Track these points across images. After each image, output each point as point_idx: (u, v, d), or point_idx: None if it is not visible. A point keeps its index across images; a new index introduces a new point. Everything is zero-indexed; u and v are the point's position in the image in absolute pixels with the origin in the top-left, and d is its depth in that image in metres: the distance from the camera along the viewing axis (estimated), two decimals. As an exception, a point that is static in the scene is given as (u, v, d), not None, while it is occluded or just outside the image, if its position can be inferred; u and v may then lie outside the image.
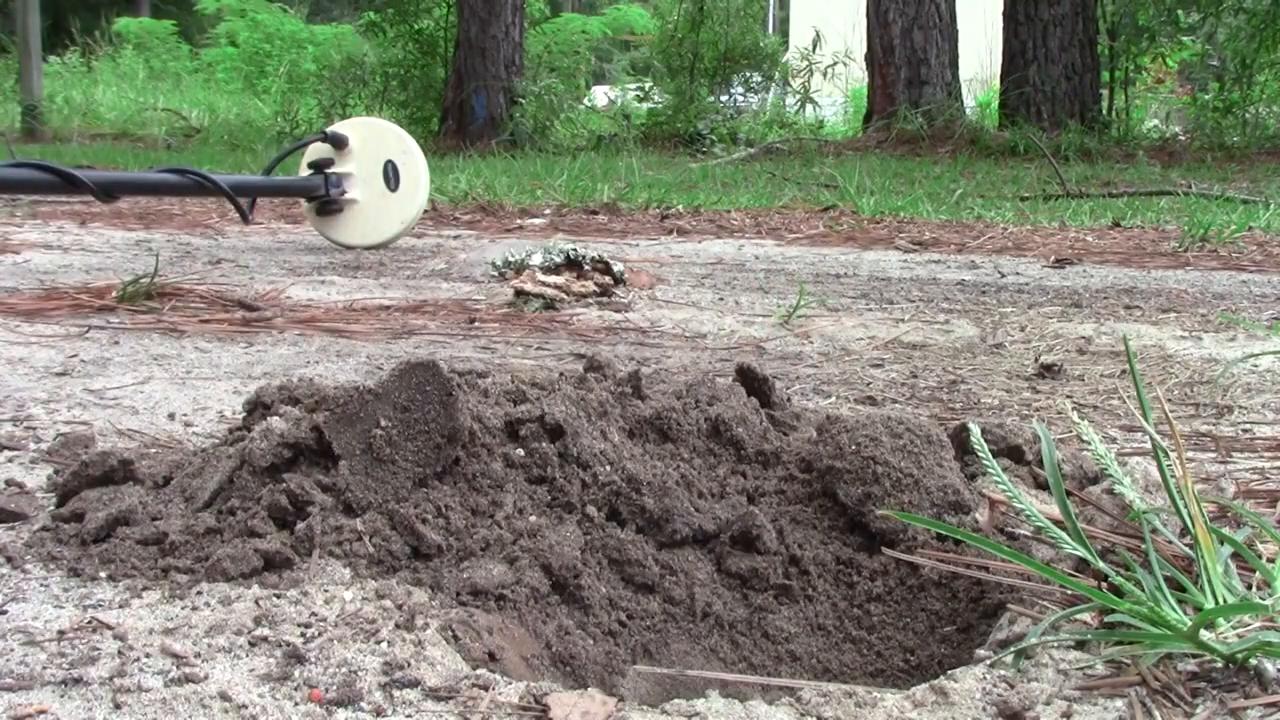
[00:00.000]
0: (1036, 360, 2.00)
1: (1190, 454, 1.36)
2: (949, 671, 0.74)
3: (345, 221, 3.90)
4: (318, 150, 3.91)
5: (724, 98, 12.26)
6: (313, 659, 0.72)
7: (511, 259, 2.95)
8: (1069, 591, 0.82)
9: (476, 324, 2.44)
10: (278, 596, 0.81)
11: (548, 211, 5.36)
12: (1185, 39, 11.60)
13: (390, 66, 12.04)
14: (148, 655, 0.73)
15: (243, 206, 3.41)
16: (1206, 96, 11.28)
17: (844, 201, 5.66)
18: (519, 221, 4.94)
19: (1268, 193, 5.93)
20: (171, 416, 1.54)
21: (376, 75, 12.13)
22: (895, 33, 10.71)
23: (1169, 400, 1.71)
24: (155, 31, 20.33)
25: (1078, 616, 0.78)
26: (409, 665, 0.72)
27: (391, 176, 3.86)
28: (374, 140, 3.91)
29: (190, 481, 1.08)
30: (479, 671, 0.72)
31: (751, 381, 1.26)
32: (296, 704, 0.68)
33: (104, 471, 1.10)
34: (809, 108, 12.01)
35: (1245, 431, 1.52)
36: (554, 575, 0.97)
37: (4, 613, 0.82)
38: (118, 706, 0.67)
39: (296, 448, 1.04)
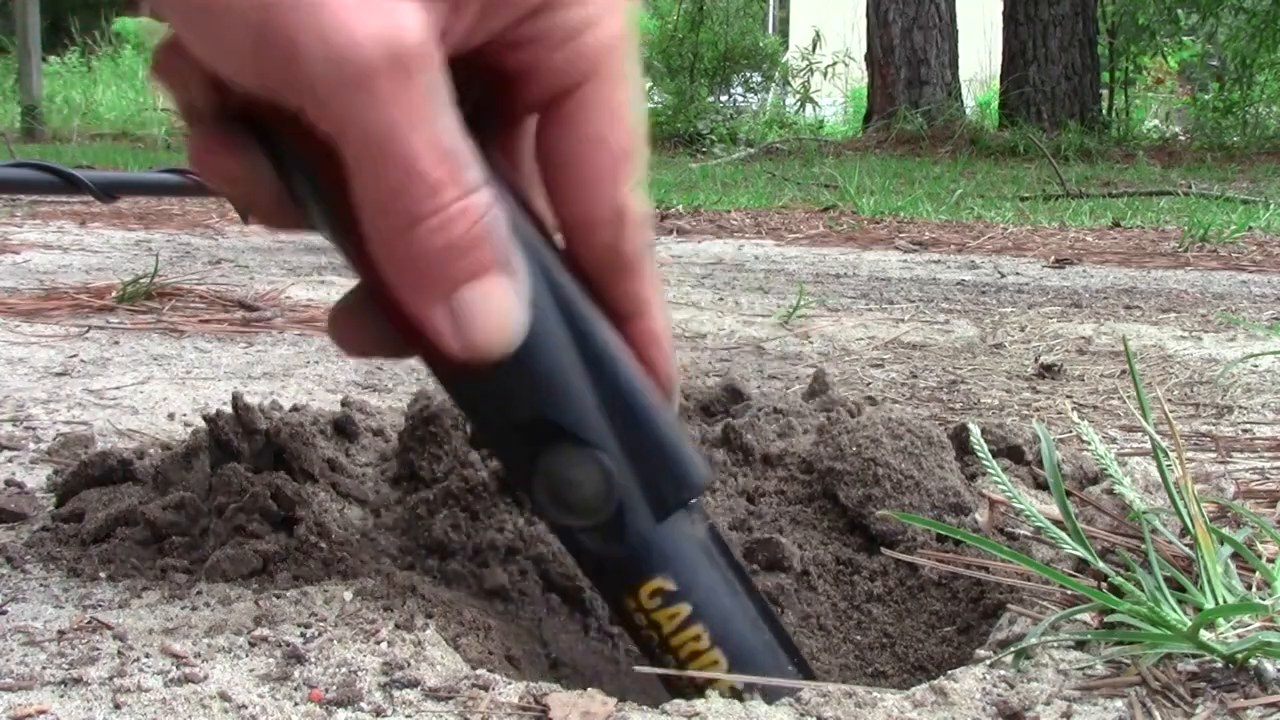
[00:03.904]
0: (1036, 360, 2.00)
1: (1190, 454, 1.36)
2: (949, 671, 0.74)
3: (345, 221, 3.89)
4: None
5: (724, 98, 12.27)
6: (313, 659, 0.72)
7: (511, 259, 2.94)
8: (1069, 591, 0.82)
9: (476, 324, 2.44)
10: (278, 596, 0.81)
11: (548, 211, 5.36)
12: (1185, 39, 11.61)
13: (390, 66, 12.01)
14: (148, 655, 0.73)
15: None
16: (1206, 96, 11.29)
17: (844, 201, 5.66)
18: (519, 221, 4.93)
19: (1268, 193, 5.93)
20: (171, 416, 1.54)
21: (376, 75, 12.09)
22: (895, 33, 10.72)
23: (1169, 400, 1.71)
24: (155, 31, 20.27)
25: (1078, 616, 0.78)
26: (409, 665, 0.72)
27: (391, 176, 3.84)
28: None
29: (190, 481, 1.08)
30: (479, 671, 0.72)
31: (736, 396, 1.26)
32: (296, 704, 0.68)
33: (104, 471, 1.10)
34: (809, 108, 12.02)
35: (1245, 431, 1.52)
36: (554, 575, 0.97)
37: (4, 613, 0.82)
38: (118, 706, 0.67)
39: (294, 450, 1.04)
